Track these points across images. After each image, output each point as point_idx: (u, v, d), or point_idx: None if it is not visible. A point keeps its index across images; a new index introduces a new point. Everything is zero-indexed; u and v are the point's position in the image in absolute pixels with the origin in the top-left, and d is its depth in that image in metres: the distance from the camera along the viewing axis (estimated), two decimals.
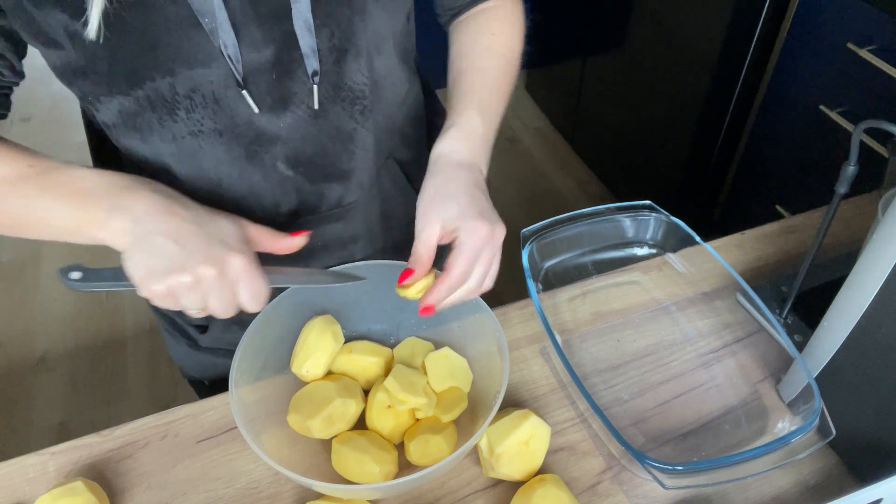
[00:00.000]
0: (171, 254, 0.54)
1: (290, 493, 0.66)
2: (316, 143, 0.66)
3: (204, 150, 0.63)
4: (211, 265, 0.54)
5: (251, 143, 0.64)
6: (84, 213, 0.57)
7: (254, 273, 0.57)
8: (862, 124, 0.61)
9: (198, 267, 0.54)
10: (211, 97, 0.60)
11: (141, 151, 0.64)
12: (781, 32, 1.59)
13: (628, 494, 0.66)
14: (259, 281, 0.57)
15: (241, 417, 0.61)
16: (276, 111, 0.63)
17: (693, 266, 0.80)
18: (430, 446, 0.64)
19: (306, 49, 0.60)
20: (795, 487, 0.67)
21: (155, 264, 0.54)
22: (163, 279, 0.54)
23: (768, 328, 0.71)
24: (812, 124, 1.56)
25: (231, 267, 0.55)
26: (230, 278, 0.56)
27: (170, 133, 0.61)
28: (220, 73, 0.58)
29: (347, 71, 0.64)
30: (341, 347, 0.73)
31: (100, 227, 0.56)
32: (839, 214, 0.90)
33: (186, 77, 0.58)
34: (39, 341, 2.00)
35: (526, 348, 0.78)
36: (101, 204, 0.56)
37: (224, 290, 0.56)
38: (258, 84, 0.60)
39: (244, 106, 0.61)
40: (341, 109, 0.66)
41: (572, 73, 2.37)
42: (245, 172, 0.66)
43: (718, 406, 0.72)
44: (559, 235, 0.78)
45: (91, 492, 0.62)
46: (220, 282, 0.55)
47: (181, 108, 0.60)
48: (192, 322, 0.81)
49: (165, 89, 0.58)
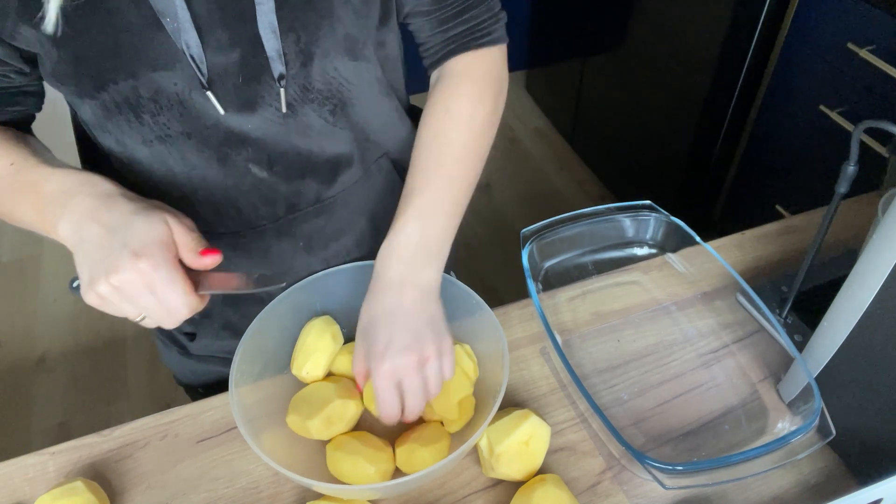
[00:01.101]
0: (92, 262, 0.53)
1: (290, 493, 0.66)
2: (287, 143, 0.66)
3: (173, 154, 0.63)
4: (116, 273, 0.52)
5: (221, 144, 0.64)
6: (42, 216, 0.57)
7: (163, 280, 0.53)
8: (862, 124, 0.61)
9: (109, 276, 0.52)
10: (175, 99, 0.60)
11: (118, 153, 0.65)
12: (781, 32, 1.59)
13: (628, 494, 0.66)
14: (169, 288, 0.53)
15: (241, 417, 0.61)
16: (244, 113, 0.62)
17: (693, 266, 0.80)
18: (415, 457, 0.64)
19: (272, 52, 0.60)
20: (795, 487, 0.67)
21: (84, 273, 0.54)
22: (91, 288, 0.53)
23: (768, 328, 0.71)
24: (812, 124, 1.56)
25: (139, 274, 0.52)
26: (145, 285, 0.53)
27: (139, 136, 0.62)
28: (183, 75, 0.58)
29: (315, 73, 0.63)
30: (341, 348, 0.73)
31: (55, 232, 0.57)
32: (839, 214, 0.90)
33: (149, 79, 0.58)
34: (39, 341, 2.00)
35: (526, 348, 0.78)
36: (54, 209, 0.56)
37: (142, 297, 0.53)
38: (225, 86, 0.60)
39: (210, 108, 0.61)
40: (311, 110, 0.66)
41: (572, 73, 2.37)
42: (218, 176, 0.66)
43: (718, 406, 0.72)
44: (559, 235, 0.78)
45: (91, 492, 0.62)
46: (134, 289, 0.53)
47: (146, 112, 0.60)
48: (182, 329, 0.81)
49: (129, 92, 0.58)
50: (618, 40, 2.05)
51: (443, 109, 0.68)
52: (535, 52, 2.67)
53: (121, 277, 0.52)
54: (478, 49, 0.70)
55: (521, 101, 2.79)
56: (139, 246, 0.52)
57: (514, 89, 2.85)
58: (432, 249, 0.64)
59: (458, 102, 0.68)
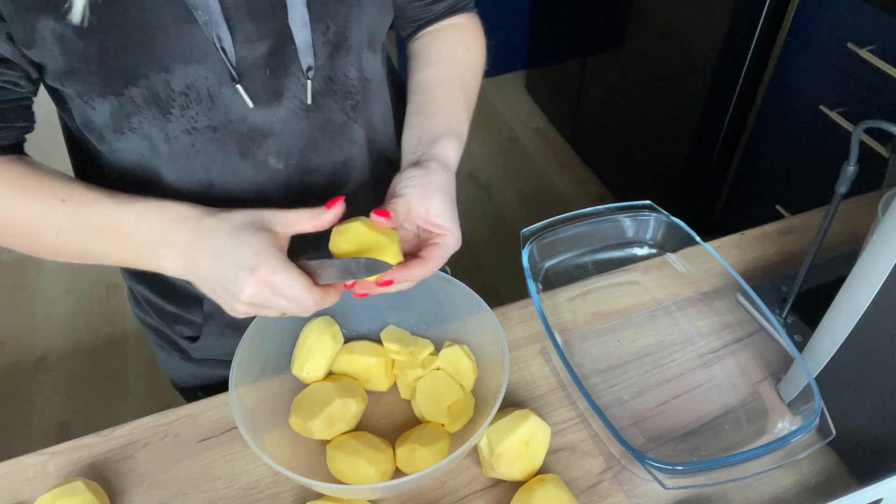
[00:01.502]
0: (218, 292, 0.57)
1: (290, 493, 0.66)
2: (307, 136, 0.67)
3: (197, 147, 0.63)
4: (243, 292, 0.55)
5: (244, 138, 0.64)
6: (137, 255, 0.60)
7: (283, 282, 0.55)
8: (862, 124, 0.61)
9: (238, 296, 0.56)
10: (206, 93, 0.60)
11: (128, 156, 0.64)
12: (781, 32, 1.59)
13: (628, 494, 0.66)
14: (292, 288, 0.56)
15: (241, 417, 0.61)
16: (270, 106, 0.63)
17: (693, 266, 0.80)
18: (415, 457, 0.64)
19: (301, 45, 0.60)
20: (795, 487, 0.67)
21: (218, 299, 0.58)
22: (232, 310, 0.58)
23: (768, 328, 0.71)
24: (812, 124, 1.56)
25: (262, 285, 0.55)
26: (272, 291, 0.56)
27: (162, 132, 0.61)
28: (214, 69, 0.58)
29: (340, 65, 0.64)
30: (341, 348, 0.73)
31: (160, 268, 0.60)
32: (839, 214, 0.90)
33: (182, 73, 0.58)
34: (39, 341, 2.00)
35: (526, 348, 0.78)
36: (153, 249, 0.59)
37: (274, 301, 0.56)
38: (252, 79, 0.61)
39: (238, 101, 0.61)
40: (333, 103, 0.66)
41: (572, 73, 2.37)
42: (238, 168, 0.66)
43: (718, 406, 0.72)
44: (559, 235, 0.78)
45: (91, 492, 0.62)
46: (264, 298, 0.56)
47: (175, 106, 0.60)
48: (183, 333, 0.81)
49: (160, 86, 0.58)
50: (618, 40, 2.05)
51: (463, 46, 0.76)
52: (535, 52, 2.67)
53: (249, 294, 0.55)
54: (471, 11, 0.79)
55: (521, 101, 2.79)
56: (251, 259, 0.55)
57: (514, 89, 2.85)
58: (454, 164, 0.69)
59: (474, 43, 0.76)
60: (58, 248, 0.62)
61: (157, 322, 0.81)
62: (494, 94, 2.82)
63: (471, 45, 0.76)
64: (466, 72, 0.74)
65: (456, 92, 0.72)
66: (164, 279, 0.76)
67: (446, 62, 0.74)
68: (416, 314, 0.76)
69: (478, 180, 2.40)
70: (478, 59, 0.77)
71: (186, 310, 0.77)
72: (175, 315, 0.78)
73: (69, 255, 0.63)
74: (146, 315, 0.82)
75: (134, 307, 0.85)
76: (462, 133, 0.70)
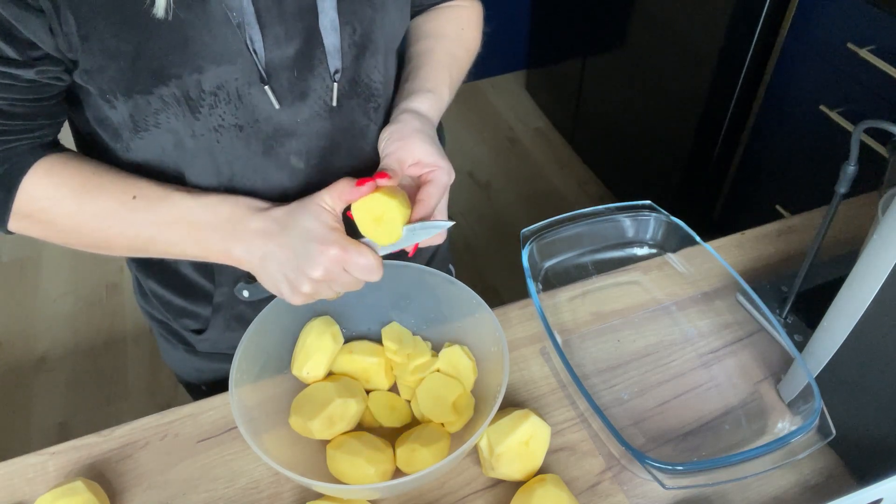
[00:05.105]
0: (287, 271, 0.60)
1: (290, 493, 0.66)
2: (329, 138, 0.67)
3: (222, 144, 0.64)
4: (315, 268, 0.59)
5: (268, 137, 0.64)
6: (206, 246, 0.63)
7: (355, 255, 0.59)
8: (862, 124, 0.61)
9: (310, 273, 0.59)
10: (234, 93, 0.60)
11: (146, 153, 0.64)
12: (781, 32, 1.59)
13: (628, 494, 0.66)
14: (363, 258, 0.59)
15: (241, 417, 0.61)
16: (295, 106, 0.64)
17: (693, 266, 0.80)
18: (415, 457, 0.64)
19: (330, 48, 0.62)
20: (795, 487, 0.67)
21: (282, 283, 0.61)
22: (296, 292, 0.61)
23: (768, 328, 0.71)
24: (812, 124, 1.56)
25: (334, 261, 0.59)
26: (342, 267, 0.60)
27: (189, 129, 0.62)
28: (244, 70, 0.59)
29: (365, 68, 0.66)
30: (341, 348, 0.73)
31: (226, 257, 0.63)
32: (839, 214, 0.90)
33: (213, 74, 0.58)
34: (39, 341, 2.00)
35: (526, 348, 0.78)
36: (221, 239, 0.62)
37: (342, 276, 0.60)
38: (279, 80, 0.61)
39: (265, 101, 0.62)
40: (356, 105, 0.67)
41: (572, 73, 2.37)
42: (259, 166, 0.66)
43: (718, 406, 0.72)
44: (559, 235, 0.78)
45: (91, 492, 0.62)
46: (335, 273, 0.60)
47: (205, 105, 0.60)
48: (189, 326, 0.81)
49: (192, 86, 0.58)
50: (618, 40, 2.05)
51: (458, 24, 0.78)
52: (535, 52, 2.67)
53: (321, 270, 0.59)
54: None
55: (521, 101, 2.79)
56: (321, 238, 0.59)
57: (515, 89, 2.84)
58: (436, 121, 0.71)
59: (469, 23, 0.78)
60: (125, 244, 0.64)
61: (163, 315, 0.81)
62: (494, 94, 2.82)
63: (465, 25, 0.77)
64: (455, 45, 0.76)
65: (440, 57, 0.73)
66: (175, 273, 0.76)
67: (435, 35, 0.75)
68: (417, 314, 0.76)
69: (478, 180, 2.40)
70: (471, 38, 0.78)
71: (194, 303, 0.78)
72: (182, 308, 0.79)
73: (135, 249, 0.65)
74: (152, 308, 0.83)
75: (140, 299, 0.85)
76: (439, 90, 0.71)
